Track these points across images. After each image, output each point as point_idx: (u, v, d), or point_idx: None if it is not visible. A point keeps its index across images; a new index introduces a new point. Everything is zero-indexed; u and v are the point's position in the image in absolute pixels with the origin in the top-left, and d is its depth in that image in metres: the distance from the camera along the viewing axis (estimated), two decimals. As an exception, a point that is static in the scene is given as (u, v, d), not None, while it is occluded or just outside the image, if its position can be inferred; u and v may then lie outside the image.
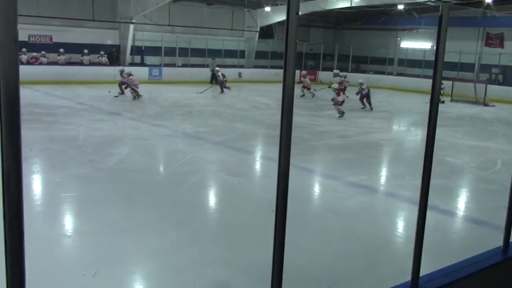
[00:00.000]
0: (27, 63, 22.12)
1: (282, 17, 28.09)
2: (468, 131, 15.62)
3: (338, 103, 16.47)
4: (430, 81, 2.27)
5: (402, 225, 7.05)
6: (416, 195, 2.44)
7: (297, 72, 17.66)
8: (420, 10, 27.96)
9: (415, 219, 2.38)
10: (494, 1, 23.53)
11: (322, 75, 30.77)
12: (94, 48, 25.32)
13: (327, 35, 35.66)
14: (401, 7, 26.87)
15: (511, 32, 27.17)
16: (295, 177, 1.48)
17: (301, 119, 14.85)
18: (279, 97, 1.62)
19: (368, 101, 19.18)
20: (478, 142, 13.70)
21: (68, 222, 6.65)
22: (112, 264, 5.13)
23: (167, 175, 9.37)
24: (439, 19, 2.10)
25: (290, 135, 1.63)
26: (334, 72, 23.76)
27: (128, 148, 10.99)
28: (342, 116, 16.25)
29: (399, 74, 30.77)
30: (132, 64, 26.49)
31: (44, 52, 23.65)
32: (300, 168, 9.02)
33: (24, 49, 22.42)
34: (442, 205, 7.40)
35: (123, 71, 19.64)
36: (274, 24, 30.26)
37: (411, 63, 30.65)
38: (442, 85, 16.63)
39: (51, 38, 24.62)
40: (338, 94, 16.64)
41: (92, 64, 24.73)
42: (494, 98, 23.41)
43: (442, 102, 20.43)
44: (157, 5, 24.33)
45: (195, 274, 4.99)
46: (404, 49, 31.84)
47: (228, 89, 22.85)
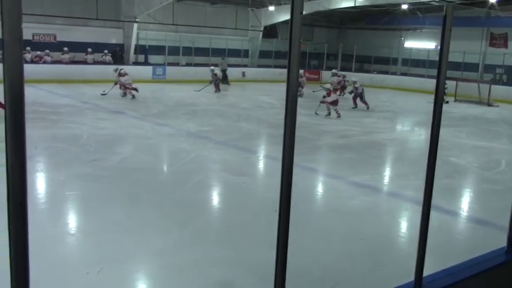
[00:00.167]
0: (31, 61, 22.19)
1: (286, 17, 28.10)
2: (472, 131, 15.57)
3: (327, 102, 16.20)
4: (434, 81, 2.27)
5: (405, 225, 7.04)
6: (419, 195, 2.44)
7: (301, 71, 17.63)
8: (424, 10, 27.92)
9: (419, 219, 2.38)
10: (498, 1, 23.51)
11: (325, 74, 30.72)
12: (98, 47, 25.36)
13: (331, 35, 35.63)
14: (405, 7, 26.81)
15: (515, 32, 27.14)
16: (298, 176, 1.48)
17: (303, 119, 14.84)
18: (283, 96, 1.62)
19: (363, 101, 18.92)
20: (482, 142, 13.66)
21: (72, 220, 6.67)
22: (115, 262, 5.14)
23: (171, 174, 9.38)
24: (443, 19, 2.10)
25: (294, 134, 1.63)
26: (332, 72, 23.61)
27: (132, 147, 11.00)
28: (340, 116, 16.02)
29: (403, 74, 30.66)
30: (136, 63, 26.56)
31: (48, 51, 23.72)
32: (303, 167, 9.02)
33: (28, 48, 22.47)
34: (446, 205, 7.39)
35: (116, 70, 19.51)
36: (278, 23, 30.23)
37: (415, 63, 30.58)
38: (446, 85, 16.56)
39: (55, 37, 24.69)
40: (329, 94, 16.40)
41: (96, 63, 24.76)
42: (498, 98, 23.33)
43: (446, 102, 20.35)
44: (161, 4, 24.36)
45: (198, 273, 4.99)
46: (408, 49, 31.78)
47: (228, 85, 22.71)
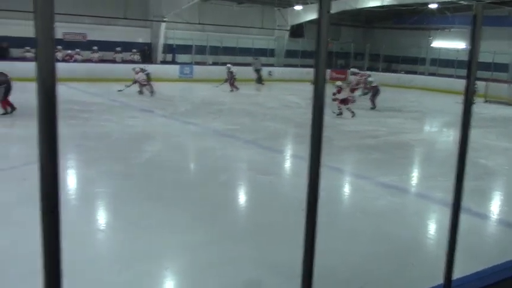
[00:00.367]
0: (62, 60, 22.56)
1: (313, 16, 28.00)
2: (502, 133, 15.27)
3: (338, 100, 15.78)
4: (463, 81, 2.23)
5: (434, 227, 6.95)
6: (448, 196, 2.40)
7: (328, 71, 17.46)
8: (453, 9, 27.46)
9: (447, 221, 2.34)
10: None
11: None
12: (126, 46, 25.72)
13: (357, 34, 35.35)
14: (433, 6, 26.40)
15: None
16: (324, 176, 1.47)
17: (328, 118, 14.68)
18: (310, 96, 1.61)
19: (371, 99, 18.43)
20: (513, 144, 13.41)
21: (101, 217, 6.79)
22: (144, 259, 5.20)
23: (198, 172, 9.45)
24: (473, 18, 2.06)
25: (321, 134, 1.62)
26: (351, 70, 23.26)
27: (160, 145, 11.11)
28: (354, 115, 15.67)
29: (431, 74, 30.22)
30: (164, 62, 26.83)
31: (79, 50, 24.10)
32: (329, 167, 8.96)
33: (59, 47, 22.86)
34: (475, 207, 7.26)
35: (134, 69, 19.70)
36: (304, 23, 30.09)
37: (443, 63, 30.07)
38: (476, 85, 16.22)
39: (85, 36, 25.08)
40: (339, 91, 15.92)
41: (125, 62, 25.08)
42: (529, 99, 22.86)
43: (474, 103, 19.92)
44: (188, 4, 24.53)
45: (225, 271, 5.01)
46: (436, 49, 31.30)
47: (237, 89, 22.28)
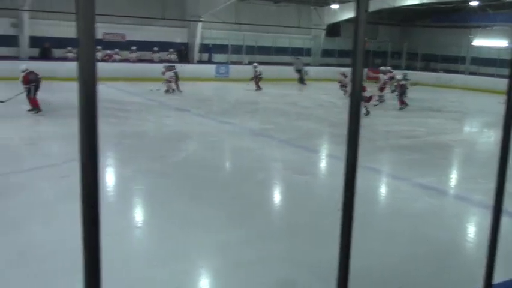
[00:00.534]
0: (101, 60, 22.99)
1: (349, 15, 27.70)
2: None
3: (365, 98, 15.06)
4: (505, 80, 2.16)
5: (473, 230, 6.79)
6: (489, 199, 2.35)
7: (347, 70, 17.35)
8: (495, 6, 26.73)
9: (487, 224, 2.28)
10: None
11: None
12: (163, 46, 26.03)
13: (395, 33, 34.79)
14: (474, 3, 25.75)
15: None
16: (360, 177, 1.46)
17: (364, 119, 14.56)
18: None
19: (400, 99, 17.84)
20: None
21: (138, 214, 6.90)
22: (179, 257, 5.27)
23: (233, 171, 9.49)
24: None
25: (358, 134, 1.60)
26: (380, 69, 22.85)
27: (196, 144, 11.22)
28: (367, 114, 15.17)
29: (472, 73, 29.44)
30: (200, 62, 27.04)
31: (117, 50, 24.52)
32: (366, 168, 8.85)
33: (99, 47, 23.27)
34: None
35: (162, 70, 19.98)
36: (341, 21, 29.82)
37: (484, 61, 29.25)
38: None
39: (124, 36, 25.51)
40: (364, 90, 15.48)
41: (162, 61, 25.35)
42: None
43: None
44: (225, 3, 24.66)
45: (260, 270, 5.02)
46: (477, 47, 30.51)
47: (260, 89, 22.14)
